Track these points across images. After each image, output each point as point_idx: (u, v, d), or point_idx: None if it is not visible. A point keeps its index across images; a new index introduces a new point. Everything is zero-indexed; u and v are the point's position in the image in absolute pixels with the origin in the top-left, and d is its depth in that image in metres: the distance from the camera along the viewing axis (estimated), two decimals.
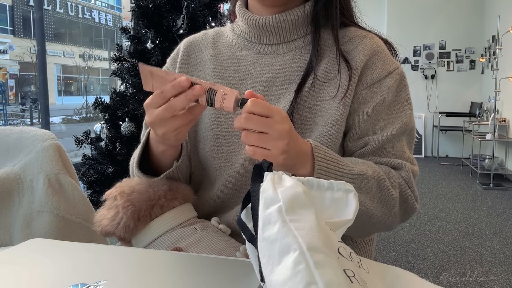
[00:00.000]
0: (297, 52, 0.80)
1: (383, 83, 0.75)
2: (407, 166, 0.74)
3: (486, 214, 3.70)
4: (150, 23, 2.32)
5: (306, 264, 0.33)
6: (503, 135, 5.18)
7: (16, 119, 15.47)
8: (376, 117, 0.75)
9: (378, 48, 0.77)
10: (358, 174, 0.66)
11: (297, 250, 0.34)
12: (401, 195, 0.72)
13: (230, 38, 0.87)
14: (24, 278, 0.49)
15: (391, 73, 0.76)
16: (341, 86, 0.74)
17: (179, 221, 0.71)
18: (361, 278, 0.36)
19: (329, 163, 0.64)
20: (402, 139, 0.76)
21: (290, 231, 0.36)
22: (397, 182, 0.71)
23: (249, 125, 0.55)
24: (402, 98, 0.77)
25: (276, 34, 0.81)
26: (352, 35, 0.79)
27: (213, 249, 0.67)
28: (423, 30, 6.65)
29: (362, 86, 0.75)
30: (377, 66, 0.76)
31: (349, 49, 0.77)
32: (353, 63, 0.75)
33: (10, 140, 0.85)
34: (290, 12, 0.79)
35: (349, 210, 0.44)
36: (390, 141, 0.75)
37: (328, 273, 0.33)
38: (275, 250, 0.36)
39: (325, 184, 0.45)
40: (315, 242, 0.35)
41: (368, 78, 0.75)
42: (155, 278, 0.49)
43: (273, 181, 0.42)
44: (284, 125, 0.57)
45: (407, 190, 0.73)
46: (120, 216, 0.69)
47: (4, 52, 22.64)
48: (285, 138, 0.57)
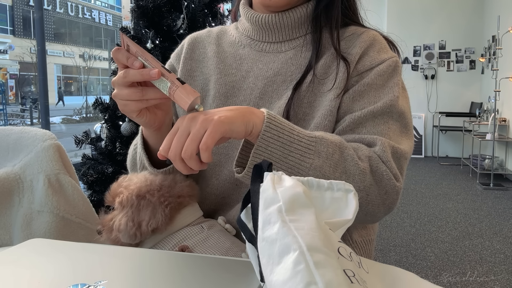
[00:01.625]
0: (299, 50, 0.81)
1: (373, 69, 0.75)
2: (383, 141, 0.68)
3: (486, 214, 3.70)
4: (150, 23, 2.32)
5: (306, 264, 0.33)
6: (503, 135, 5.18)
7: (16, 119, 15.48)
8: (361, 97, 0.73)
9: (374, 41, 0.78)
10: (316, 137, 0.62)
11: (297, 250, 0.34)
12: (372, 170, 0.65)
13: (233, 36, 0.89)
14: (24, 278, 0.49)
15: (384, 61, 0.76)
16: (338, 80, 0.75)
17: (190, 220, 0.71)
18: (361, 278, 0.36)
19: (282, 125, 0.61)
20: (388, 122, 0.71)
21: (290, 231, 0.36)
22: (366, 155, 0.66)
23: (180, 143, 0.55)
24: (392, 83, 0.75)
25: (278, 32, 0.82)
26: (351, 33, 0.80)
27: (219, 248, 0.67)
28: (423, 30, 6.65)
29: (353, 74, 0.75)
30: (370, 56, 0.76)
31: (347, 46, 0.78)
32: (350, 57, 0.76)
33: (10, 140, 0.85)
34: (293, 10, 0.80)
35: (349, 210, 0.44)
36: (371, 119, 0.71)
37: (328, 273, 0.32)
38: (275, 250, 0.36)
39: (325, 184, 0.45)
40: (315, 242, 0.35)
41: (359, 67, 0.76)
42: (155, 278, 0.49)
43: (273, 181, 0.41)
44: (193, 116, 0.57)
45: (380, 164, 0.66)
46: (158, 210, 0.67)
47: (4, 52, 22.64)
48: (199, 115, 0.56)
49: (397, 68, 0.76)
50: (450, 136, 6.68)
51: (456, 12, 6.55)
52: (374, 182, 0.65)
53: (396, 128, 0.72)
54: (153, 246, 0.70)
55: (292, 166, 0.61)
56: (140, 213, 0.68)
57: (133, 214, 0.68)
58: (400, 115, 0.73)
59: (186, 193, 0.71)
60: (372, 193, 0.65)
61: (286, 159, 0.61)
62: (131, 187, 0.69)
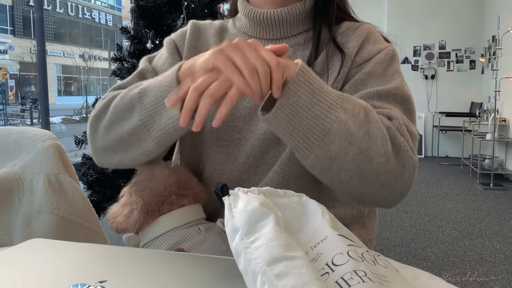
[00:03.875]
0: (297, 48, 0.80)
1: (372, 59, 0.75)
2: (398, 117, 0.65)
3: (486, 214, 3.70)
4: (150, 23, 2.32)
5: (270, 281, 0.35)
6: (503, 135, 5.18)
7: (16, 119, 15.48)
8: (363, 86, 0.72)
9: (370, 34, 0.78)
10: (343, 95, 0.60)
11: (259, 272, 0.36)
12: (392, 139, 0.62)
13: (231, 32, 0.88)
14: (24, 278, 0.49)
15: (381, 51, 0.76)
16: (333, 72, 0.75)
17: (186, 220, 0.72)
18: (379, 274, 0.37)
19: (314, 76, 0.59)
20: (393, 104, 0.69)
21: (252, 255, 0.38)
22: (386, 125, 0.63)
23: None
24: (392, 70, 0.74)
25: (276, 29, 0.81)
26: (346, 28, 0.80)
27: (215, 251, 0.67)
28: (423, 30, 6.65)
29: (352, 67, 0.76)
30: (367, 48, 0.76)
31: (344, 41, 0.78)
32: (347, 50, 0.76)
33: (10, 140, 0.85)
34: (291, 7, 0.80)
35: (311, 206, 0.47)
36: (377, 98, 0.69)
37: (291, 279, 0.34)
38: (250, 279, 0.38)
39: (280, 192, 0.48)
40: (274, 253, 0.37)
41: (358, 59, 0.76)
42: (155, 278, 0.49)
43: (230, 208, 0.43)
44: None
45: (398, 135, 0.63)
46: (133, 212, 0.70)
47: (4, 52, 22.64)
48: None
49: (394, 56, 0.76)
50: (450, 136, 6.68)
51: (456, 12, 6.55)
52: (393, 151, 0.62)
53: (401, 109, 0.70)
54: (149, 242, 0.71)
55: (318, 116, 0.58)
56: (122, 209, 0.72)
57: (119, 208, 0.73)
58: (405, 98, 0.71)
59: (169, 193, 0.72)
60: (391, 161, 0.61)
61: (314, 107, 0.58)
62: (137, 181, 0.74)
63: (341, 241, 0.41)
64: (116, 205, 0.74)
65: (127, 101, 0.65)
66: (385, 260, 0.42)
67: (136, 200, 0.71)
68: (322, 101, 0.58)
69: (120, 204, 0.74)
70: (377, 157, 0.60)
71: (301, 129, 0.58)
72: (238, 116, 0.78)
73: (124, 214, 0.71)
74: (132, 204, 0.71)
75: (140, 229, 0.71)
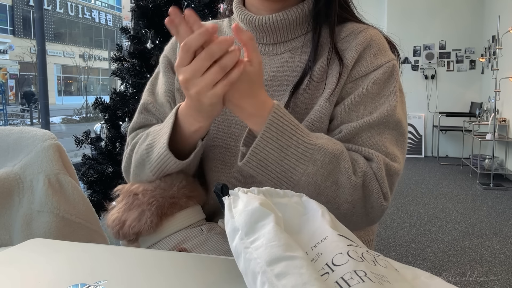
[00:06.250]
0: (295, 53, 0.78)
1: (369, 76, 0.73)
2: (379, 158, 0.67)
3: (486, 214, 3.70)
4: (150, 23, 2.32)
5: (270, 281, 0.35)
6: (503, 135, 5.18)
7: (16, 119, 15.48)
8: (357, 108, 0.72)
9: (372, 42, 0.74)
10: (315, 145, 0.62)
11: (259, 272, 0.36)
12: (364, 185, 0.65)
13: (226, 33, 0.86)
14: (24, 278, 0.49)
15: (380, 67, 0.73)
16: (330, 83, 0.73)
17: (189, 222, 0.71)
18: (378, 274, 0.37)
19: (286, 123, 0.62)
20: (385, 132, 0.70)
21: (252, 255, 0.38)
22: (362, 170, 0.65)
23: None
24: (388, 90, 0.72)
25: (273, 34, 0.79)
26: (348, 31, 0.77)
27: (217, 251, 0.67)
28: (423, 30, 6.65)
29: (348, 81, 0.73)
30: (366, 60, 0.74)
31: (344, 47, 0.75)
32: (345, 60, 0.74)
33: (10, 140, 0.85)
34: (288, 11, 0.77)
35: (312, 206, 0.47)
36: (367, 130, 0.70)
37: (291, 279, 0.34)
38: (250, 279, 0.38)
39: (280, 192, 0.48)
40: (274, 253, 0.37)
41: (355, 72, 0.73)
42: (155, 278, 0.49)
43: (230, 208, 0.43)
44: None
45: (374, 182, 0.65)
46: (146, 214, 0.67)
47: (4, 52, 22.64)
48: None
49: (393, 73, 0.74)
50: (450, 136, 6.68)
51: (456, 12, 6.55)
52: (362, 196, 0.65)
53: (392, 138, 0.71)
54: (151, 246, 0.70)
55: (286, 170, 0.62)
56: (128, 212, 0.69)
57: (124, 212, 0.69)
58: (396, 124, 0.71)
59: (181, 195, 0.71)
60: (358, 206, 0.66)
61: (282, 161, 0.61)
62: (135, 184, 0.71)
63: (341, 241, 0.41)
64: (115, 210, 0.71)
65: (138, 157, 0.75)
66: (385, 260, 0.42)
67: (149, 201, 0.68)
68: (291, 155, 0.62)
69: (119, 208, 0.70)
70: (344, 204, 0.64)
71: (270, 181, 0.63)
72: (234, 123, 0.77)
73: (134, 217, 0.67)
74: (143, 205, 0.68)
75: (153, 232, 0.69)
